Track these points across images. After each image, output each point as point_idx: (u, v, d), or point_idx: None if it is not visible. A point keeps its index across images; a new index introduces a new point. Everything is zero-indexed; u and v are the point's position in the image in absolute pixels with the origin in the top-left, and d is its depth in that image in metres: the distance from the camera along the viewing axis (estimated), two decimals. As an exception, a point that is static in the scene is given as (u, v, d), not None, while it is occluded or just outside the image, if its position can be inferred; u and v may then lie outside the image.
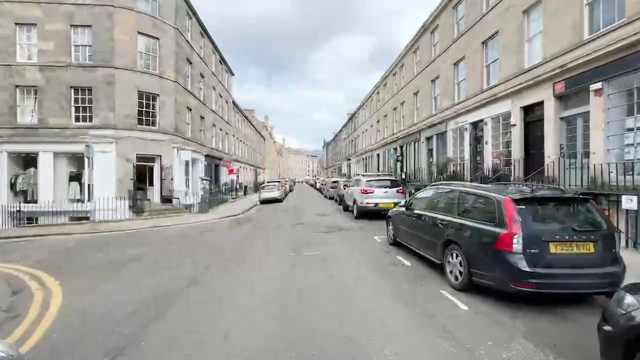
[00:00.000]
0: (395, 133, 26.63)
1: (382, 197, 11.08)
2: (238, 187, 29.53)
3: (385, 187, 11.30)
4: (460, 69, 16.50)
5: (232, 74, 34.18)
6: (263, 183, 32.97)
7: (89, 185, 15.90)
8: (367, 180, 11.58)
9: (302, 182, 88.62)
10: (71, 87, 16.09)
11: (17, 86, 15.88)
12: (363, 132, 40.77)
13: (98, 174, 15.96)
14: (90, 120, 16.29)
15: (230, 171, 31.02)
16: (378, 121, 32.90)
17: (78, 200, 15.86)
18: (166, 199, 17.58)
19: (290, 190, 35.04)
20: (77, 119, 16.32)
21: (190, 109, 21.21)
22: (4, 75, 15.77)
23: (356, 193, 11.89)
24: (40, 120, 16.00)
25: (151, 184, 18.53)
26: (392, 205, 11.23)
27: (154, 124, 17.76)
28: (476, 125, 14.87)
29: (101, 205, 15.05)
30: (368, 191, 11.16)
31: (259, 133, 59.52)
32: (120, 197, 15.61)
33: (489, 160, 13.51)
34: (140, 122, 17.17)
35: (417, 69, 22.23)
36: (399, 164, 25.98)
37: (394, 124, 27.73)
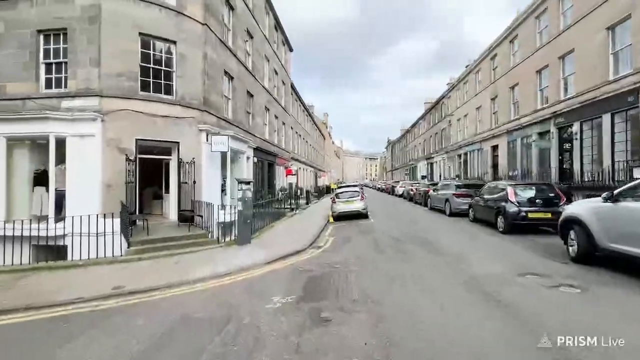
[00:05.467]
0: (549, 106, 16.41)
1: None
2: (299, 193, 21.97)
3: None
4: None
5: (291, 50, 27.08)
6: (332, 189, 25.07)
7: (57, 192, 9.35)
8: None
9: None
10: (38, 31, 9.82)
11: (-33, 37, 10.11)
12: (458, 120, 30.62)
13: (74, 174, 9.35)
14: (65, 85, 9.82)
15: (289, 172, 23.73)
16: (494, 98, 22.75)
17: (44, 218, 9.40)
18: (185, 217, 10.39)
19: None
20: (48, 84, 10.00)
21: (232, 77, 14.07)
22: (-50, 21, 10.11)
23: None
24: (-5, 88, 10.02)
25: (168, 189, 11.62)
26: None
27: (168, 90, 10.79)
28: None
29: (82, 226, 8.19)
30: None
31: (319, 130, 52.43)
32: (108, 213, 8.67)
33: None
34: (144, 86, 10.30)
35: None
36: (552, 155, 15.81)
37: (536, 94, 17.57)
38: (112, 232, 8.29)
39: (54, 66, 9.95)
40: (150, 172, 11.85)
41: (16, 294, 5.56)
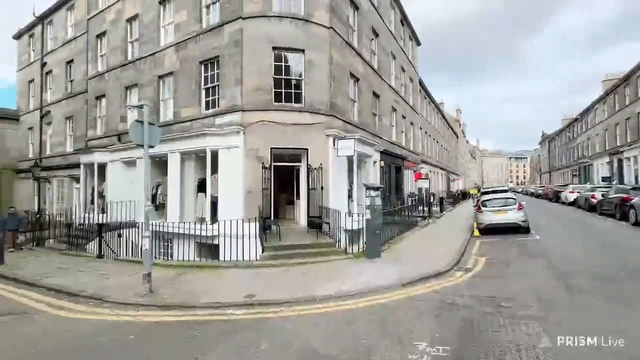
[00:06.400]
0: None
1: None
2: (432, 198, 19.64)
3: None
4: None
5: (419, 44, 24.98)
6: (471, 194, 21.50)
7: (212, 197, 10.76)
8: None
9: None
10: (200, 62, 11.71)
11: (159, 77, 13.07)
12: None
13: (223, 182, 10.58)
14: (218, 105, 11.30)
15: (418, 175, 21.65)
16: None
17: (203, 220, 11.00)
18: (314, 223, 10.29)
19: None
20: (207, 106, 11.78)
21: (357, 78, 13.57)
22: (150, 67, 13.32)
23: None
24: (174, 114, 12.51)
25: (298, 195, 11.92)
26: None
27: (297, 99, 11.05)
28: None
29: (226, 229, 9.18)
30: None
31: (451, 129, 47.16)
32: (248, 218, 9.40)
33: None
34: (277, 97, 10.83)
35: None
36: None
37: None
38: (249, 235, 8.81)
39: (210, 90, 11.65)
40: (284, 178, 12.47)
41: (175, 291, 6.22)
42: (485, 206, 12.03)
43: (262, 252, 8.31)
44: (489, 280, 6.09)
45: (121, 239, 10.61)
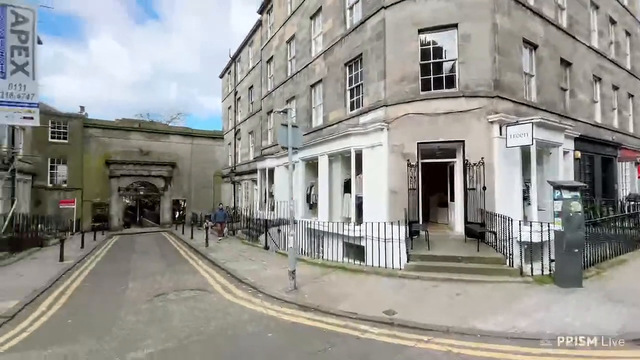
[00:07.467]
0: None
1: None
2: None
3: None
4: None
5: (640, -21, 17.26)
6: None
7: (357, 198, 10.58)
8: None
9: None
10: (345, 64, 11.83)
11: (311, 86, 14.15)
12: None
13: (367, 182, 10.24)
14: (362, 104, 11.06)
15: (646, 170, 14.87)
16: None
17: (349, 220, 10.99)
18: (473, 231, 8.37)
19: None
20: (352, 106, 11.78)
21: (535, 45, 10.43)
22: (304, 79, 14.62)
23: None
24: (324, 119, 13.17)
25: (453, 197, 10.16)
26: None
27: (449, 83, 9.40)
28: None
29: (369, 231, 8.87)
30: None
31: None
32: (392, 221, 8.72)
33: None
34: (425, 85, 9.55)
35: None
36: None
37: None
38: (392, 239, 8.04)
39: (354, 90, 11.58)
40: (435, 177, 11.00)
41: (316, 291, 6.19)
42: None
43: (407, 261, 7.34)
44: None
45: (280, 233, 11.96)
